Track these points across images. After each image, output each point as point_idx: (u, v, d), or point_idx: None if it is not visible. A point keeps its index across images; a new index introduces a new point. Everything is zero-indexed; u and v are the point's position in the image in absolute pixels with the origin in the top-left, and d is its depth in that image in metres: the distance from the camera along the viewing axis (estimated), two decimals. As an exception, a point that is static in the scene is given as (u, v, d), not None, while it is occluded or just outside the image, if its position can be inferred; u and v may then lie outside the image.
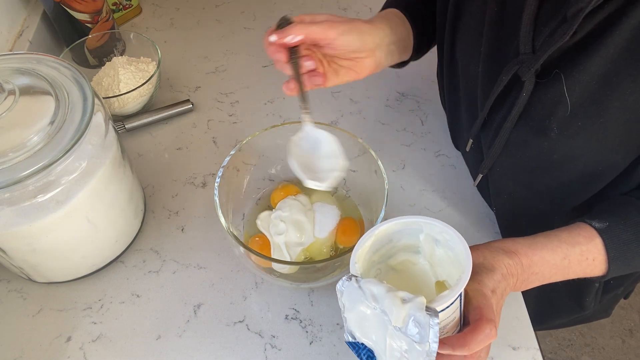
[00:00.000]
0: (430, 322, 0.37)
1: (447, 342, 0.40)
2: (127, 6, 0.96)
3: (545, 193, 0.58)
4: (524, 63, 0.48)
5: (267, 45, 0.54)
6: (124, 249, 0.64)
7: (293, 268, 0.56)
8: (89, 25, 0.83)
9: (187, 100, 0.80)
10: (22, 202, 0.48)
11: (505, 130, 0.53)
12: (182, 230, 0.67)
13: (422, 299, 0.38)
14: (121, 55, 0.82)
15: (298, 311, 0.60)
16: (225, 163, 0.57)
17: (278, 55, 0.54)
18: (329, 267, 0.54)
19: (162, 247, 0.66)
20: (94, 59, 0.83)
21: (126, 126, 0.76)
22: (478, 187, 0.68)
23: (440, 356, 0.41)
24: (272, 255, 0.58)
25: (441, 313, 0.39)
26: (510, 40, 0.50)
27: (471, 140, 0.64)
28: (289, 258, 0.57)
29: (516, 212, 0.63)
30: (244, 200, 0.64)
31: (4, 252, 0.54)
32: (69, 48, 0.79)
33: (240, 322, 0.59)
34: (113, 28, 0.87)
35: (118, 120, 0.77)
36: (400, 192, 0.70)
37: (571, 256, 0.49)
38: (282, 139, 0.62)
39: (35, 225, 0.50)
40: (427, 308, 0.37)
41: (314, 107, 0.81)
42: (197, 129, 0.79)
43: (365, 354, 0.41)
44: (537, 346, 0.57)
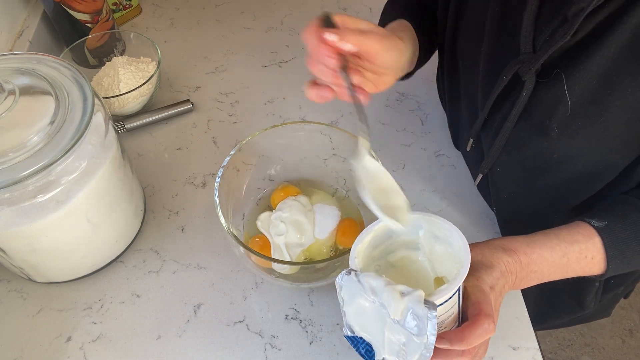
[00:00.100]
0: (429, 314, 0.37)
1: (445, 336, 0.40)
2: (127, 6, 0.96)
3: (545, 192, 0.59)
4: (525, 63, 0.48)
5: (317, 44, 0.45)
6: (124, 249, 0.64)
7: (293, 268, 0.56)
8: (89, 25, 0.83)
9: (187, 100, 0.80)
10: (22, 202, 0.48)
11: (506, 129, 0.53)
12: (182, 230, 0.67)
13: (420, 292, 0.38)
14: (121, 55, 0.82)
15: (298, 311, 0.60)
16: (225, 163, 0.57)
17: (330, 60, 0.45)
18: (329, 268, 0.54)
19: (162, 247, 0.66)
20: (94, 59, 0.83)
21: (126, 126, 0.76)
22: (478, 186, 0.69)
23: (438, 351, 0.40)
24: (272, 255, 0.58)
25: (439, 307, 0.39)
26: (510, 40, 0.50)
27: (472, 140, 0.64)
28: (289, 258, 0.57)
29: (516, 211, 0.63)
30: (244, 200, 0.64)
31: (4, 252, 0.54)
32: (69, 48, 0.79)
33: (240, 322, 0.59)
34: (113, 28, 0.87)
35: (118, 120, 0.77)
36: (400, 192, 0.71)
37: (570, 254, 0.49)
38: (282, 139, 0.62)
39: (35, 225, 0.50)
40: (426, 301, 0.38)
41: (314, 107, 0.82)
42: (197, 129, 0.79)
43: (363, 347, 0.41)
44: (537, 346, 0.57)
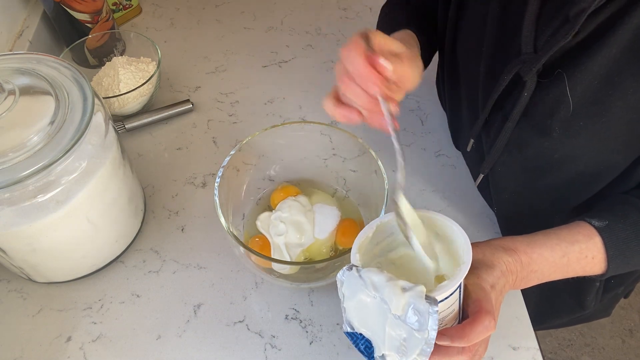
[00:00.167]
0: (430, 310, 0.37)
1: (445, 333, 0.40)
2: (127, 6, 0.95)
3: (545, 193, 0.58)
4: (526, 63, 0.48)
5: (364, 67, 0.42)
6: (124, 249, 0.64)
7: (293, 268, 0.56)
8: (89, 25, 0.83)
9: (187, 100, 0.80)
10: (22, 202, 0.48)
11: (507, 130, 0.53)
12: (182, 230, 0.67)
13: (422, 288, 0.38)
14: (121, 55, 0.82)
15: (298, 311, 0.60)
16: (225, 163, 0.57)
17: (374, 87, 0.43)
18: (329, 268, 0.54)
19: (162, 247, 0.66)
20: (94, 59, 0.83)
21: (126, 126, 0.76)
22: (478, 186, 0.69)
23: (438, 348, 0.40)
24: (272, 255, 0.58)
25: (440, 303, 0.39)
26: (512, 40, 0.50)
27: (472, 140, 0.64)
28: (288, 259, 0.57)
29: (517, 211, 0.63)
30: (244, 200, 0.64)
31: (4, 252, 0.54)
32: (69, 48, 0.79)
33: (240, 322, 0.59)
34: (113, 28, 0.87)
35: (118, 120, 0.77)
36: (401, 192, 0.70)
37: (570, 254, 0.49)
38: (282, 139, 0.62)
39: (35, 225, 0.50)
40: (427, 297, 0.38)
41: (314, 107, 0.82)
42: (197, 129, 0.79)
43: (363, 344, 0.41)
44: (537, 346, 0.57)
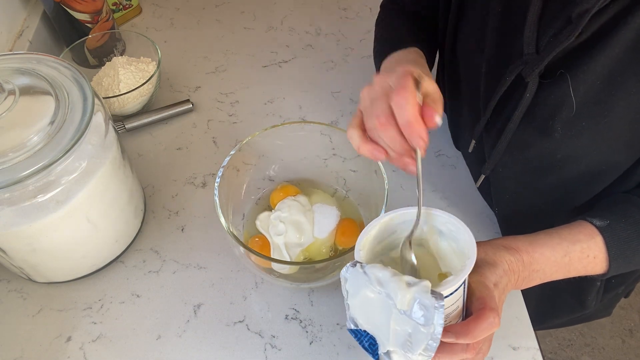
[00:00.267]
0: (436, 304, 0.37)
1: (450, 329, 0.40)
2: (127, 6, 0.95)
3: (547, 193, 0.58)
4: (528, 64, 0.47)
5: (414, 116, 0.42)
6: (124, 249, 0.64)
7: (293, 268, 0.56)
8: (89, 25, 0.83)
9: (187, 100, 0.80)
10: (22, 202, 0.48)
11: (509, 131, 0.53)
12: (182, 230, 0.67)
13: (427, 283, 0.38)
14: (121, 55, 0.82)
15: (298, 311, 0.60)
16: (225, 163, 0.57)
17: (420, 141, 0.42)
18: (329, 267, 0.54)
19: (162, 247, 0.65)
20: (94, 59, 0.83)
21: (126, 126, 0.76)
22: (479, 187, 0.68)
23: (443, 345, 0.40)
24: (271, 255, 0.58)
25: (445, 299, 0.38)
26: (513, 41, 0.49)
27: (474, 141, 0.63)
28: (288, 258, 0.57)
29: (518, 212, 0.63)
30: (244, 200, 0.64)
31: (4, 252, 0.54)
32: (69, 48, 0.79)
33: (240, 322, 0.59)
34: (113, 28, 0.87)
35: (118, 120, 0.77)
36: (400, 192, 0.70)
37: (572, 254, 0.49)
38: (282, 139, 0.62)
39: (35, 225, 0.50)
40: (433, 292, 0.37)
41: (314, 107, 0.82)
42: (197, 129, 0.79)
43: (367, 340, 0.41)
44: (537, 346, 0.57)
